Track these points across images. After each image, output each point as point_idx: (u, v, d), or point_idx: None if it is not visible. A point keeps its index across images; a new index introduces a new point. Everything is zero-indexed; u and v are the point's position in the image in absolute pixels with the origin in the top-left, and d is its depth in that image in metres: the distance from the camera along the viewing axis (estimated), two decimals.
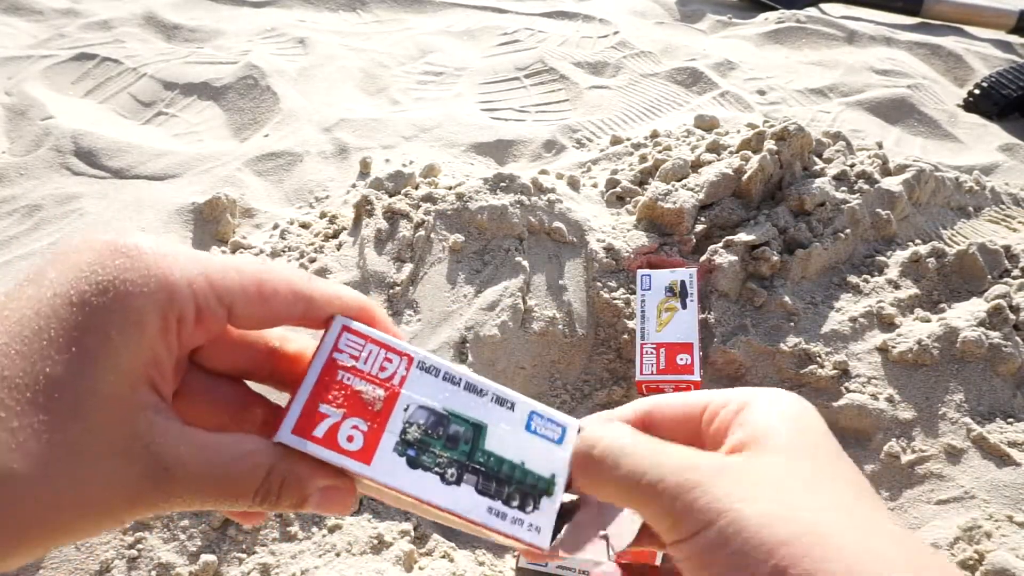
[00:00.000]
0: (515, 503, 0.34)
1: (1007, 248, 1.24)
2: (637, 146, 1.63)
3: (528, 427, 0.35)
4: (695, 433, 0.36)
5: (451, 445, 0.34)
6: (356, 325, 0.35)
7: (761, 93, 2.08)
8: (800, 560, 0.27)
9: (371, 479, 0.33)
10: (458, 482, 0.33)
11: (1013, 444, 0.99)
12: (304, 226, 1.38)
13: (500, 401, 0.35)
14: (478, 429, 0.34)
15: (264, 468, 0.32)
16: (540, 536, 0.34)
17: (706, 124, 1.63)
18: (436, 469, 0.33)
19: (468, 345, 1.08)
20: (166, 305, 0.30)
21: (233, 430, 0.33)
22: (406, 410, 0.34)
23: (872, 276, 1.22)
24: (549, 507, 0.34)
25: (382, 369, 0.34)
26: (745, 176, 1.26)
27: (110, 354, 0.28)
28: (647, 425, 0.37)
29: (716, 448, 0.34)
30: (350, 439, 0.33)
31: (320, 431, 0.32)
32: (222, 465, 0.31)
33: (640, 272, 1.15)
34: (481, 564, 0.95)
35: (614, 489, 0.32)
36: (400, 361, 0.35)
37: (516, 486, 0.34)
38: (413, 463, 0.33)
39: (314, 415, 0.32)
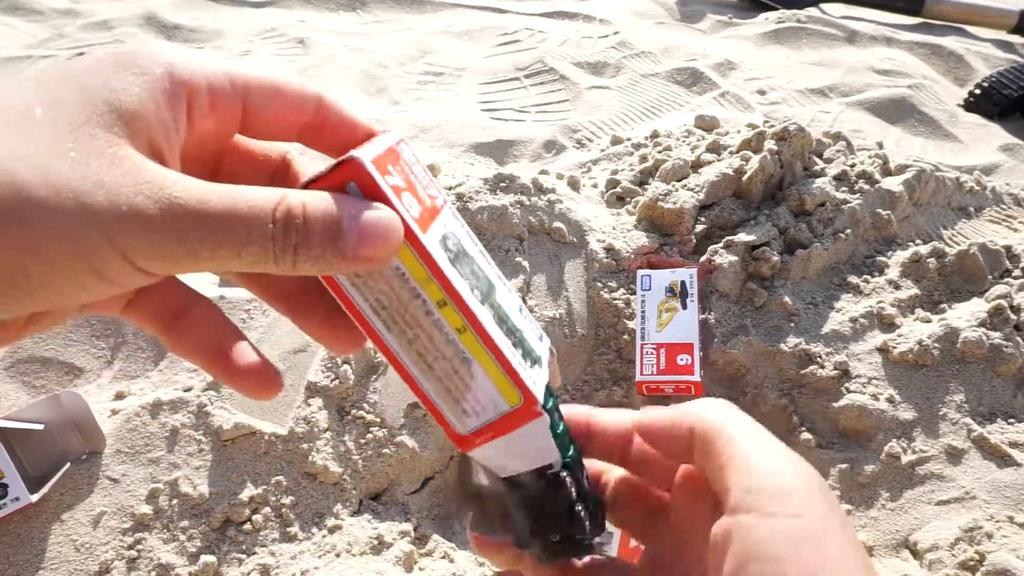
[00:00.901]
0: (519, 352, 0.32)
1: (1008, 248, 1.24)
2: (637, 146, 1.63)
3: (520, 311, 0.35)
4: (670, 468, 0.36)
5: (474, 278, 0.32)
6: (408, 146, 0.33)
7: (761, 93, 2.07)
8: None
9: (424, 246, 0.29)
10: (482, 303, 0.31)
11: (1014, 444, 0.99)
12: None
13: (501, 278, 0.35)
14: (490, 284, 0.33)
15: (278, 193, 0.27)
16: (537, 390, 0.32)
17: (706, 124, 1.63)
18: (467, 280, 0.31)
19: None
20: (172, 66, 0.28)
21: None
22: (444, 227, 0.31)
23: (872, 276, 1.22)
24: (542, 374, 0.33)
25: (428, 187, 0.32)
26: (745, 176, 1.26)
27: (109, 93, 0.26)
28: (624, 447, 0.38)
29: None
30: (409, 207, 0.30)
31: (390, 181, 0.29)
32: (234, 190, 0.27)
33: (640, 272, 1.14)
34: (481, 564, 0.95)
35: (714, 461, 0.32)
36: (441, 192, 0.33)
37: (519, 340, 0.33)
38: (452, 262, 0.30)
39: (384, 168, 0.30)
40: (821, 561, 0.27)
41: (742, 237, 1.19)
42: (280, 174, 0.36)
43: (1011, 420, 1.03)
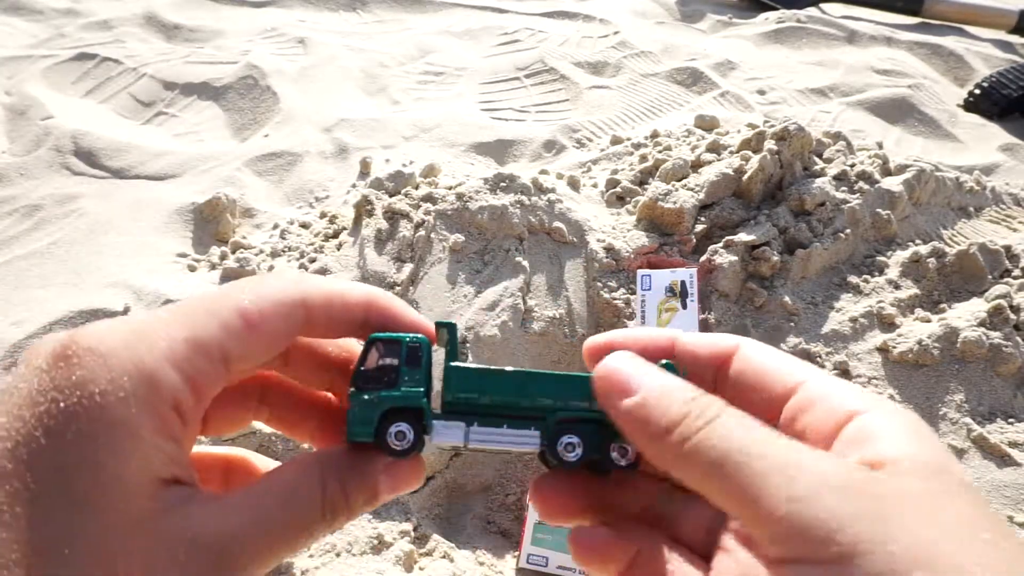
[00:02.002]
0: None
1: (1008, 248, 1.24)
2: (637, 146, 1.63)
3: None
4: (768, 404, 0.30)
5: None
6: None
7: (761, 93, 2.07)
8: None
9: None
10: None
11: (1013, 444, 0.99)
12: (304, 226, 1.38)
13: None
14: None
15: (317, 483, 0.29)
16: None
17: (706, 124, 1.63)
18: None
19: (468, 345, 1.08)
20: (152, 399, 0.26)
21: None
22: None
23: (872, 276, 1.22)
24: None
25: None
26: (745, 176, 1.26)
27: (115, 486, 0.24)
28: (715, 368, 0.32)
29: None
30: None
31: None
32: (276, 508, 0.27)
33: (640, 272, 1.14)
34: (481, 564, 0.95)
35: (692, 464, 0.26)
36: None
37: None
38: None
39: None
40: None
41: (742, 237, 1.19)
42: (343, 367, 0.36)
43: (1011, 420, 1.03)
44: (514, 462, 1.08)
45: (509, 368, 0.33)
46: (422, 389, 0.31)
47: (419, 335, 0.32)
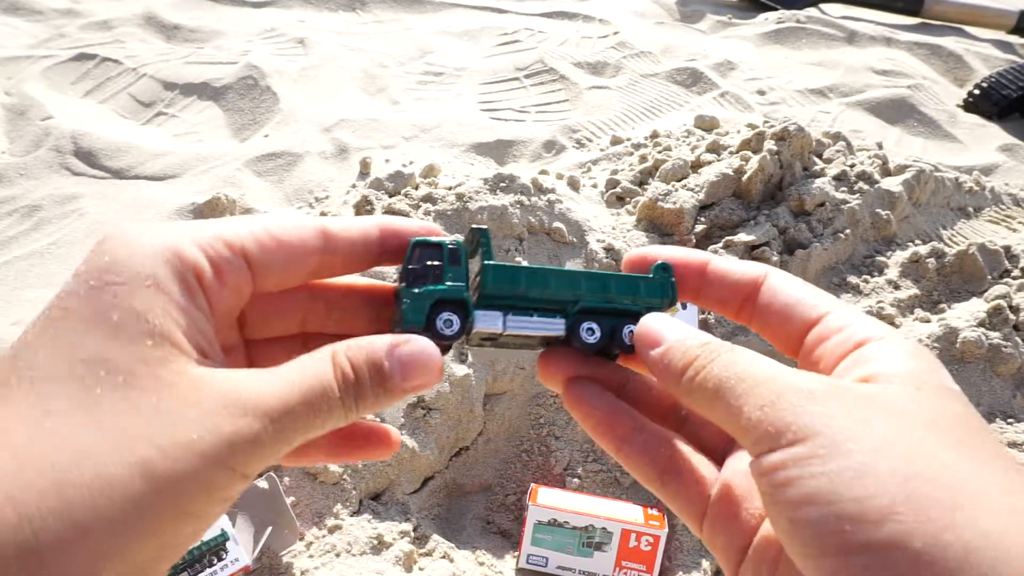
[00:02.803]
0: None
1: (1007, 248, 1.24)
2: (637, 146, 1.63)
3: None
4: (791, 337, 0.33)
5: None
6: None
7: (761, 93, 2.08)
8: (928, 502, 0.22)
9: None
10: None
11: (1013, 444, 0.99)
12: None
13: None
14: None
15: (328, 356, 0.30)
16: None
17: (706, 124, 1.63)
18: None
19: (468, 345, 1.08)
20: (176, 261, 0.29)
21: None
22: None
23: (872, 276, 1.22)
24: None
25: None
26: (745, 176, 1.26)
27: (140, 323, 0.27)
28: (747, 297, 0.35)
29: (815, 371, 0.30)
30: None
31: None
32: (297, 371, 0.29)
33: None
34: (481, 564, 0.95)
35: (712, 381, 0.30)
36: None
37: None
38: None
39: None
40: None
41: (742, 237, 1.19)
42: (316, 310, 0.37)
43: (1010, 420, 1.03)
44: (514, 462, 1.08)
45: (536, 266, 0.37)
46: (464, 283, 0.35)
47: (457, 239, 0.36)
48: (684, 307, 1.09)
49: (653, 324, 0.35)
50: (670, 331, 0.34)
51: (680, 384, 0.32)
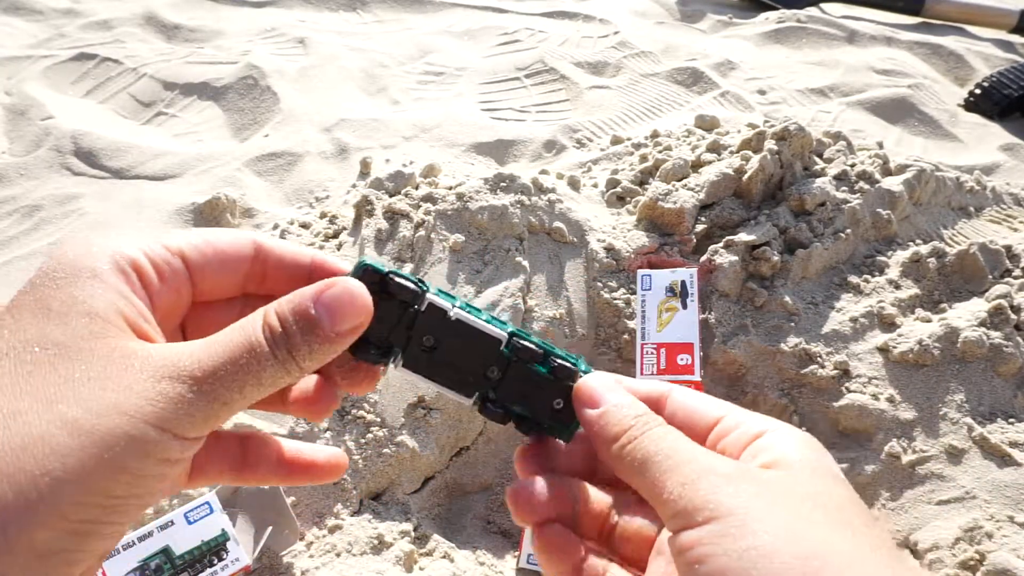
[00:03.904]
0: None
1: (1008, 248, 1.24)
2: (637, 146, 1.63)
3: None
4: (699, 440, 0.35)
5: None
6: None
7: (761, 93, 2.07)
8: None
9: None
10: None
11: (1014, 444, 0.99)
12: (304, 226, 1.38)
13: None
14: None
15: (260, 314, 0.31)
16: None
17: (706, 124, 1.63)
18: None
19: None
20: (117, 257, 0.31)
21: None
22: None
23: (873, 276, 1.22)
24: None
25: None
26: (745, 176, 1.26)
27: (79, 305, 0.29)
28: (655, 410, 0.38)
29: None
30: None
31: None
32: (228, 333, 0.30)
33: (640, 272, 1.14)
34: (481, 564, 0.95)
35: (640, 455, 0.32)
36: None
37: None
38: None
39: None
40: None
41: (742, 237, 1.19)
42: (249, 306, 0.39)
43: (1011, 420, 1.03)
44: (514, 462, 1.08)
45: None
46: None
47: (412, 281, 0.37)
48: (684, 307, 1.09)
49: (594, 384, 0.37)
50: (609, 394, 0.36)
51: (611, 451, 0.34)
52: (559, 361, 0.38)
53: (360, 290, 0.32)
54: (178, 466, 0.29)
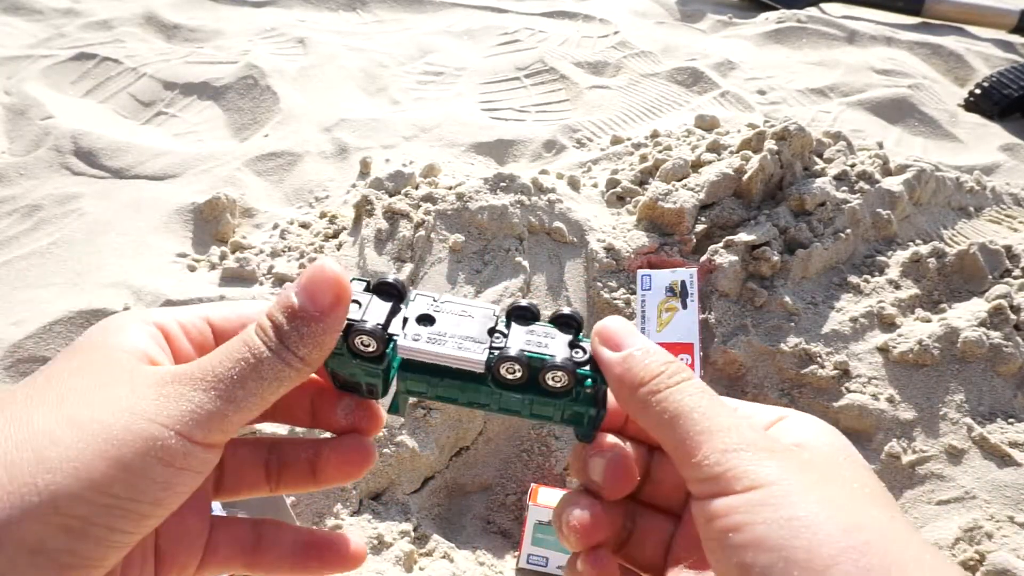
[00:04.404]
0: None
1: (1008, 248, 1.24)
2: (637, 146, 1.63)
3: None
4: None
5: None
6: None
7: (761, 93, 2.07)
8: (871, 557, 0.25)
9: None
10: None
11: (1014, 444, 0.99)
12: (304, 226, 1.38)
13: None
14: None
15: (254, 320, 0.32)
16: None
17: (706, 124, 1.63)
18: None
19: None
20: (146, 318, 0.34)
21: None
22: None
23: (873, 276, 1.22)
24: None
25: None
26: (745, 176, 1.26)
27: (107, 347, 0.31)
28: None
29: None
30: None
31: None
32: (230, 341, 0.32)
33: (640, 272, 1.14)
34: (481, 564, 0.95)
35: (672, 408, 0.31)
36: None
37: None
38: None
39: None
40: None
41: (742, 237, 1.19)
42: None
43: (1011, 420, 1.03)
44: (514, 462, 1.08)
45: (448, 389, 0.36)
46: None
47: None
48: (684, 307, 1.09)
49: (616, 327, 0.34)
50: (634, 338, 0.34)
51: (635, 395, 0.32)
52: (556, 373, 0.34)
53: (331, 265, 0.32)
54: (184, 475, 0.29)
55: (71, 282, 1.25)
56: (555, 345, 0.35)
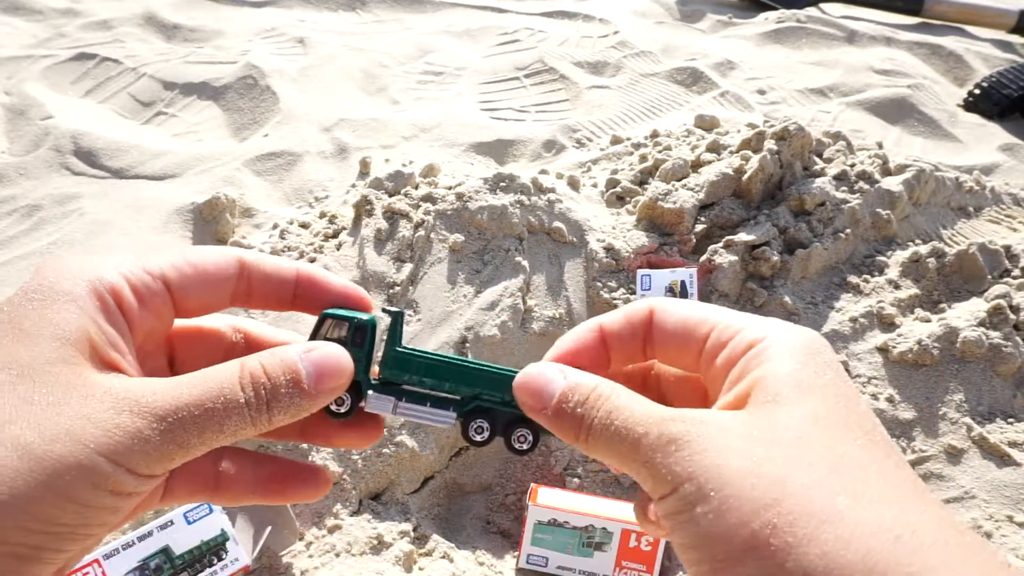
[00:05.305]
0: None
1: (1007, 248, 1.24)
2: (637, 146, 1.63)
3: None
4: (692, 357, 0.34)
5: None
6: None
7: (761, 93, 2.07)
8: (785, 528, 0.24)
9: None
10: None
11: (1013, 444, 0.99)
12: (304, 226, 1.38)
13: None
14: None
15: (236, 364, 0.31)
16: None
17: (706, 124, 1.63)
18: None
19: (468, 345, 1.08)
20: (95, 282, 0.31)
21: None
22: None
23: (872, 276, 1.22)
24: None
25: None
26: (745, 176, 1.26)
27: (51, 328, 0.29)
28: (643, 329, 0.36)
29: (715, 387, 0.32)
30: None
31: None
32: (198, 376, 0.30)
33: (640, 272, 1.14)
34: (481, 564, 0.95)
35: (602, 443, 0.31)
36: None
37: None
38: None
39: None
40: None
41: (742, 237, 1.19)
42: (239, 347, 0.38)
43: (1010, 420, 1.03)
44: (514, 462, 1.08)
45: (441, 356, 0.37)
46: (363, 364, 0.36)
47: (367, 317, 0.36)
48: None
49: (532, 379, 0.34)
50: (552, 385, 0.33)
51: (577, 445, 0.33)
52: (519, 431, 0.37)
53: (343, 356, 0.33)
54: (133, 499, 0.29)
55: None
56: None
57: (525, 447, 0.37)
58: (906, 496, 0.26)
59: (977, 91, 2.13)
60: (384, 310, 0.39)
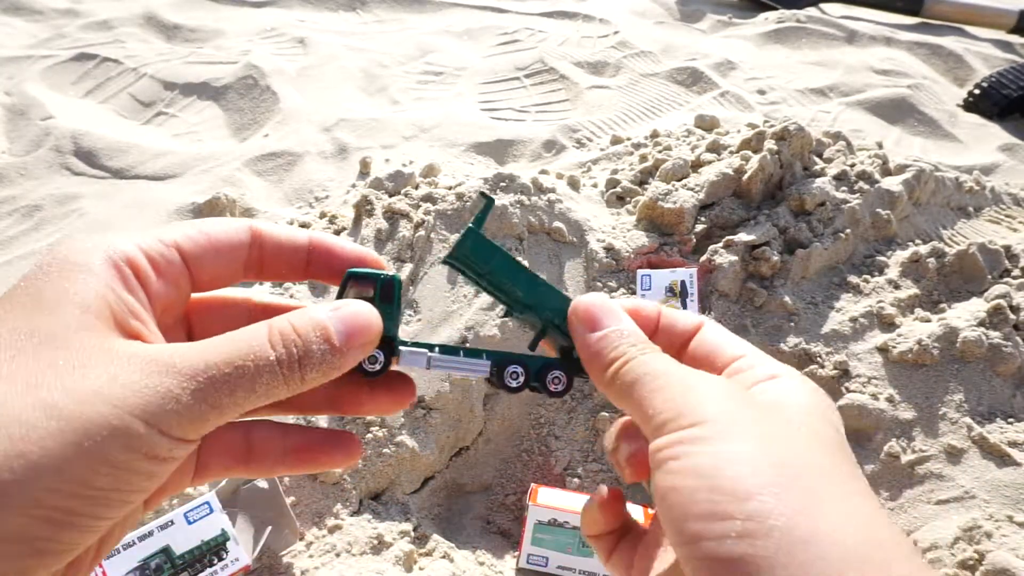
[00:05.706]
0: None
1: (1007, 248, 1.24)
2: (637, 146, 1.63)
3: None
4: (712, 371, 0.36)
5: None
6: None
7: (761, 93, 2.08)
8: (787, 513, 0.25)
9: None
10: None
11: (1013, 444, 0.99)
12: (304, 226, 1.38)
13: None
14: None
15: (264, 324, 0.31)
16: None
17: (706, 124, 1.63)
18: None
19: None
20: (111, 252, 0.31)
21: None
22: None
23: (872, 276, 1.22)
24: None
25: None
26: (745, 176, 1.26)
27: (71, 297, 0.29)
28: (682, 342, 0.37)
29: None
30: None
31: None
32: (226, 338, 0.30)
33: (640, 272, 1.14)
34: (481, 564, 0.95)
35: (618, 386, 0.32)
36: None
37: None
38: None
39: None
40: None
41: (742, 237, 1.19)
42: (259, 317, 0.37)
43: (1010, 419, 1.03)
44: (514, 462, 1.08)
45: (514, 258, 0.38)
46: (393, 321, 0.35)
47: (392, 273, 0.36)
48: (684, 307, 1.09)
49: (595, 304, 0.36)
50: (610, 318, 0.35)
51: (604, 375, 0.34)
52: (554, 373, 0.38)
53: (371, 312, 0.33)
54: (168, 464, 0.28)
55: None
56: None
57: (560, 388, 0.38)
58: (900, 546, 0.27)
59: (977, 91, 2.13)
60: (481, 193, 0.38)
